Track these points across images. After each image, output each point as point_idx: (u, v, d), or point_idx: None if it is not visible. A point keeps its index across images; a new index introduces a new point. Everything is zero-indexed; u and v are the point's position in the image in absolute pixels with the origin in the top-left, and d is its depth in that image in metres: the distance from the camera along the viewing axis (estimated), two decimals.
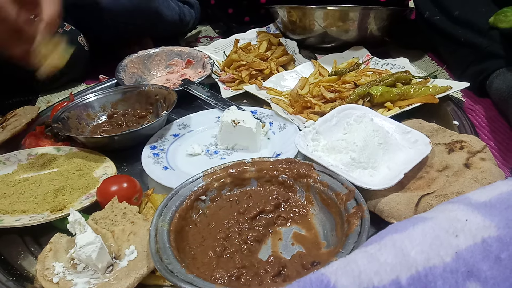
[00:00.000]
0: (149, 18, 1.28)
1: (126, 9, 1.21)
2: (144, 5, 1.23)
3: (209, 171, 0.68)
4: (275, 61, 1.12)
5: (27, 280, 0.60)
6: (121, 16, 1.22)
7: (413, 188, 0.64)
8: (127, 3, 1.20)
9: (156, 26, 1.33)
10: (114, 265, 0.57)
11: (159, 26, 1.33)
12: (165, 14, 1.31)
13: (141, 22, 1.28)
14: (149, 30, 1.35)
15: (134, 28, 1.28)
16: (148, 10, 1.25)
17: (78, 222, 0.58)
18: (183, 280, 0.48)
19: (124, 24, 1.25)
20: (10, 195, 0.73)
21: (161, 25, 1.33)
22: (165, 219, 0.59)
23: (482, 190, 0.48)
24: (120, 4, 1.20)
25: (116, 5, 1.20)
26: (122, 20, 1.23)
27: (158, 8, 1.27)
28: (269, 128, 0.88)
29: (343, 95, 0.92)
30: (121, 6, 1.20)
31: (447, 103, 0.90)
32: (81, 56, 1.23)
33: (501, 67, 0.90)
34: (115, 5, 1.20)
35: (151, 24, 1.31)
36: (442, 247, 0.40)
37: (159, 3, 1.27)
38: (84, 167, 0.80)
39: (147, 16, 1.26)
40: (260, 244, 0.59)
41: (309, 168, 0.66)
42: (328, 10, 1.14)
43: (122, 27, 1.25)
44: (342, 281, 0.39)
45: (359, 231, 0.53)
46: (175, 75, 1.19)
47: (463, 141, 0.69)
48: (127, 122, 0.94)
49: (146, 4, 1.24)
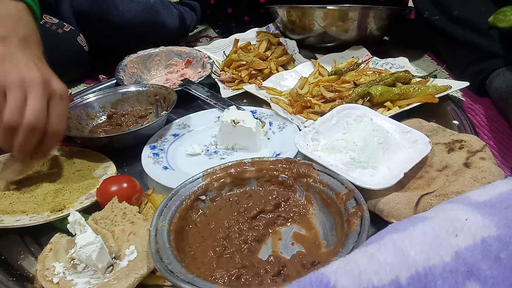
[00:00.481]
0: (155, 31, 1.30)
1: (132, 24, 1.22)
2: (151, 20, 1.25)
3: (209, 171, 0.68)
4: (275, 60, 1.12)
5: (27, 280, 0.60)
6: (127, 29, 1.23)
7: (413, 188, 0.64)
8: (134, 19, 1.22)
9: (159, 35, 1.35)
10: (114, 265, 0.57)
11: (162, 35, 1.35)
12: (169, 24, 1.33)
13: (146, 34, 1.31)
14: (152, 39, 1.37)
15: (138, 39, 1.31)
16: (155, 24, 1.27)
17: (78, 222, 0.58)
18: (183, 280, 0.48)
19: (130, 37, 1.27)
20: (10, 196, 0.73)
21: (164, 33, 1.35)
22: (165, 219, 0.59)
23: (482, 189, 0.48)
24: (126, 19, 1.21)
25: (122, 20, 1.21)
26: (126, 32, 1.24)
27: (163, 21, 1.30)
28: (269, 128, 0.88)
29: (343, 94, 0.92)
30: (127, 21, 1.21)
31: (446, 103, 0.90)
32: (80, 56, 1.23)
33: (500, 66, 0.90)
34: (121, 21, 1.21)
35: (154, 35, 1.34)
36: (441, 247, 0.40)
37: (164, 16, 1.30)
38: (84, 167, 0.80)
39: (152, 29, 1.29)
40: (260, 244, 0.59)
41: (309, 168, 0.66)
42: (327, 10, 1.14)
43: (126, 37, 1.27)
44: (342, 281, 0.39)
45: (359, 230, 0.53)
46: (175, 75, 1.19)
47: (463, 140, 0.69)
48: (126, 122, 0.94)
49: (153, 19, 1.26)
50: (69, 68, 1.23)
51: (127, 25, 1.22)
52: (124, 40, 1.28)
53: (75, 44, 1.20)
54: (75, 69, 1.25)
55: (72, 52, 1.20)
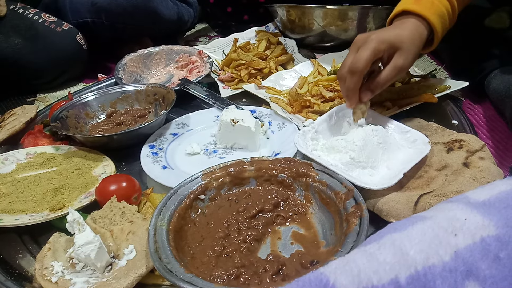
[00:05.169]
0: (148, 17, 1.27)
1: (124, 9, 1.21)
2: (142, 4, 1.23)
3: (208, 170, 0.68)
4: (274, 60, 1.12)
5: (25, 279, 0.60)
6: (119, 16, 1.22)
7: (412, 187, 0.64)
8: (125, 3, 1.20)
9: (154, 25, 1.32)
10: (113, 265, 0.57)
11: (157, 25, 1.33)
12: (164, 14, 1.30)
13: (139, 22, 1.27)
14: (148, 30, 1.35)
15: (132, 28, 1.28)
16: (146, 9, 1.25)
17: (77, 221, 0.58)
18: (182, 279, 0.48)
19: (122, 24, 1.25)
20: (9, 195, 0.73)
21: (160, 24, 1.33)
22: (164, 218, 0.59)
23: (481, 189, 0.48)
24: (118, 3, 1.19)
25: (113, 4, 1.19)
26: (120, 20, 1.23)
27: (156, 7, 1.27)
28: (268, 127, 0.88)
29: (342, 94, 0.92)
30: (118, 5, 1.20)
31: (446, 103, 0.90)
32: (79, 55, 1.23)
33: (498, 67, 0.91)
34: (112, 5, 1.19)
35: (149, 23, 1.31)
36: (441, 246, 0.40)
37: (157, 2, 1.27)
38: (83, 166, 0.80)
39: (145, 16, 1.26)
40: (259, 243, 0.59)
41: (308, 167, 0.66)
42: (327, 9, 1.14)
43: (120, 27, 1.25)
44: (341, 280, 0.39)
45: (358, 230, 0.53)
46: (182, 71, 1.19)
47: (462, 140, 0.69)
48: (125, 121, 0.94)
49: (144, 4, 1.23)
50: (68, 67, 1.23)
51: (118, 9, 1.19)
52: (118, 31, 1.26)
53: (74, 43, 1.20)
54: (74, 68, 1.25)
55: (71, 51, 1.20)
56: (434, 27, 0.73)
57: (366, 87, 0.72)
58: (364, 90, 0.72)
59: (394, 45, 0.70)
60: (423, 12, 0.73)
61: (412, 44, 0.71)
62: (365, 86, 0.72)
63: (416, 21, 0.73)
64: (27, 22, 1.16)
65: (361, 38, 0.71)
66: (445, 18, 0.75)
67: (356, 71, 0.68)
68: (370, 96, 0.73)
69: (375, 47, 0.68)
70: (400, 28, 0.73)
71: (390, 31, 0.73)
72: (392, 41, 0.70)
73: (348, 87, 0.71)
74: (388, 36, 0.70)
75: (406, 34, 0.71)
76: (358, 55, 0.68)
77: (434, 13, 0.73)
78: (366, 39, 0.70)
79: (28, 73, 1.17)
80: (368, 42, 0.69)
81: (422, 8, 0.73)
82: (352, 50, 0.72)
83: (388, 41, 0.69)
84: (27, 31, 1.14)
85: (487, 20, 0.94)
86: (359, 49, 0.70)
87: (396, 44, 0.70)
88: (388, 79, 0.71)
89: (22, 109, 1.00)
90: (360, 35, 0.72)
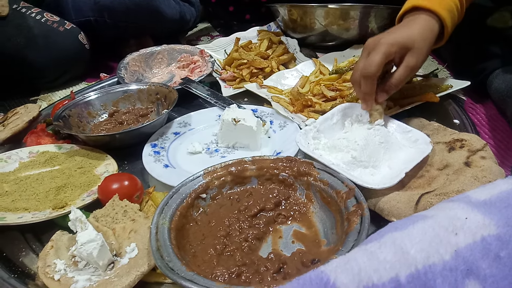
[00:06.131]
0: (150, 16, 1.28)
1: (126, 7, 1.21)
2: (144, 3, 1.23)
3: (210, 169, 0.68)
4: (276, 59, 1.12)
5: (28, 277, 0.60)
6: (122, 15, 1.22)
7: (414, 187, 0.64)
8: (128, 2, 1.20)
9: (157, 24, 1.33)
10: (115, 263, 0.57)
11: (160, 24, 1.33)
12: (166, 13, 1.31)
13: (142, 20, 1.28)
14: (150, 29, 1.35)
15: (134, 27, 1.28)
16: (149, 8, 1.25)
17: (79, 219, 0.58)
18: (184, 277, 0.49)
19: (125, 23, 1.25)
20: (12, 193, 0.73)
21: (162, 23, 1.33)
22: (165, 217, 0.59)
23: (482, 188, 0.48)
24: (121, 2, 1.20)
25: (116, 3, 1.20)
26: (122, 19, 1.23)
27: (158, 6, 1.27)
28: (270, 127, 0.88)
29: (344, 93, 0.92)
30: (121, 4, 1.20)
31: (447, 102, 0.90)
32: (81, 54, 1.23)
33: (500, 66, 0.90)
34: (115, 3, 1.20)
35: (152, 22, 1.31)
36: (441, 245, 0.40)
37: (159, 1, 1.27)
38: (86, 164, 0.81)
39: (148, 15, 1.26)
40: (260, 242, 0.59)
41: (309, 167, 0.66)
42: (329, 9, 1.14)
43: (123, 26, 1.25)
44: (341, 278, 0.39)
45: (359, 229, 0.53)
46: (183, 71, 1.19)
47: (464, 139, 0.69)
48: (128, 120, 0.94)
49: (147, 3, 1.24)
50: (70, 66, 1.23)
51: (120, 8, 1.20)
52: (121, 30, 1.26)
53: (76, 42, 1.21)
54: (76, 67, 1.25)
55: (73, 50, 1.21)
56: (444, 22, 0.73)
57: (381, 88, 0.73)
58: (380, 92, 0.73)
59: (405, 46, 0.70)
60: (434, 7, 0.72)
61: (423, 42, 0.71)
62: (380, 88, 0.73)
63: (427, 16, 0.73)
64: (30, 22, 1.16)
65: (372, 41, 0.71)
66: (454, 13, 0.75)
67: (369, 76, 0.69)
68: (385, 97, 0.73)
69: (385, 51, 0.68)
70: (410, 26, 0.72)
71: (400, 31, 0.72)
72: (403, 42, 0.70)
73: (365, 91, 0.71)
74: (398, 37, 0.70)
75: (417, 32, 0.71)
76: (369, 59, 0.69)
77: (444, 8, 0.73)
78: (376, 43, 0.70)
79: (31, 72, 1.18)
80: (378, 46, 0.69)
81: (432, 3, 0.73)
82: (363, 54, 0.72)
83: (398, 43, 0.69)
84: (29, 30, 1.15)
85: (490, 19, 0.93)
86: (370, 53, 0.70)
87: (407, 45, 0.70)
88: (401, 80, 0.71)
89: (25, 108, 1.00)
90: (370, 39, 0.72)
